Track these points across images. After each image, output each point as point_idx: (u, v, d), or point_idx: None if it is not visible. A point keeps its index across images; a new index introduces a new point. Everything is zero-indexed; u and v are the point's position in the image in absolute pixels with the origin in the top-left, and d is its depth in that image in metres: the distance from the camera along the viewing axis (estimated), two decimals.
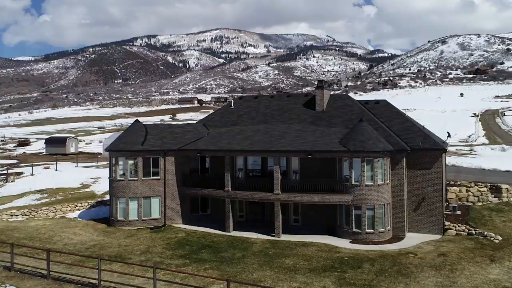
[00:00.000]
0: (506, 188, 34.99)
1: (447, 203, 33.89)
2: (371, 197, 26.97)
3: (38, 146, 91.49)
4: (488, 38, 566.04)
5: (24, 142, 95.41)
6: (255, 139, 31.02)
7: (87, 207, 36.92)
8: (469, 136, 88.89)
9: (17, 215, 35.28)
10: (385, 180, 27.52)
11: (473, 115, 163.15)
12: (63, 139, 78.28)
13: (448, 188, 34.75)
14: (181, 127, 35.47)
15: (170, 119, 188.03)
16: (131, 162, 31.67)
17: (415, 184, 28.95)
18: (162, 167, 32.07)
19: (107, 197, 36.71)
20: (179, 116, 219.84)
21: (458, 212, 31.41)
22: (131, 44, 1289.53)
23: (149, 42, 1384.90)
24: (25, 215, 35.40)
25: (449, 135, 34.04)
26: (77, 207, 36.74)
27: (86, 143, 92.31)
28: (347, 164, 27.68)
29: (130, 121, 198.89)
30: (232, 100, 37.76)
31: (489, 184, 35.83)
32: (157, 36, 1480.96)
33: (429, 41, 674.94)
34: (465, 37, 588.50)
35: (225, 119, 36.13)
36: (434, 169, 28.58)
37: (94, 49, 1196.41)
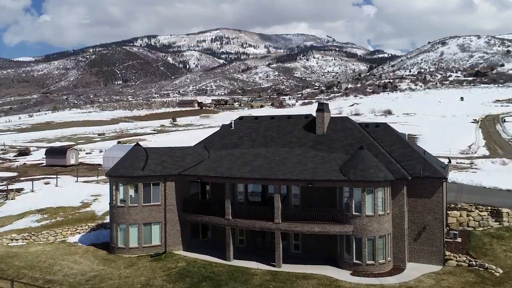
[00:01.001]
0: (507, 212, 34.96)
1: (447, 228, 33.87)
2: (372, 228, 26.94)
3: (38, 156, 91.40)
4: (488, 39, 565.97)
5: (24, 152, 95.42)
6: (256, 165, 30.98)
7: (87, 230, 36.89)
8: (470, 147, 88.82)
9: (17, 240, 35.27)
10: (385, 210, 27.48)
11: (473, 120, 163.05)
12: (63, 150, 78.22)
13: (448, 212, 34.72)
14: (181, 150, 35.44)
15: (170, 124, 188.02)
16: (131, 187, 31.62)
17: (416, 213, 28.90)
18: (162, 193, 32.02)
19: (107, 218, 36.68)
20: (179, 120, 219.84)
21: (459, 240, 31.38)
22: (131, 44, 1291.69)
23: (149, 43, 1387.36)
24: (25, 239, 35.39)
25: (449, 161, 33.98)
26: (77, 231, 36.73)
27: (86, 153, 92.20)
28: (348, 193, 27.67)
29: (131, 125, 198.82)
30: (232, 121, 37.68)
31: (489, 208, 35.80)
32: (157, 37, 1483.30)
33: (429, 42, 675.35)
34: (465, 38, 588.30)
35: (225, 140, 36.11)
36: (435, 198, 28.54)
37: (94, 49, 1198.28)
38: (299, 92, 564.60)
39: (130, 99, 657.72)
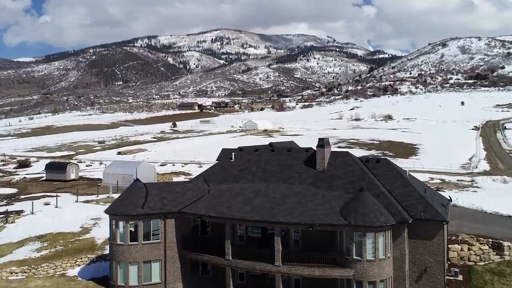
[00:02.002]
0: (508, 246, 34.88)
1: (448, 262, 33.76)
2: (373, 272, 26.82)
3: (38, 168, 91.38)
4: (489, 41, 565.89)
5: (24, 163, 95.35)
6: (256, 204, 30.84)
7: (87, 262, 36.79)
8: (470, 159, 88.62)
9: (17, 273, 35.22)
10: (386, 254, 27.35)
11: (474, 127, 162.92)
12: (63, 165, 78.18)
13: (449, 246, 34.60)
14: (181, 185, 35.33)
15: (171, 130, 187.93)
16: (131, 226, 31.50)
17: (417, 255, 28.76)
18: (162, 230, 31.91)
19: (107, 248, 36.50)
20: (179, 125, 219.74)
21: (460, 278, 31.28)
22: (132, 45, 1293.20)
23: (149, 43, 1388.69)
24: (25, 272, 35.32)
25: (450, 200, 33.85)
26: (76, 263, 36.64)
27: (86, 165, 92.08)
28: (348, 237, 27.55)
29: (131, 130, 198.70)
30: (233, 153, 37.52)
31: (491, 241, 35.76)
32: (158, 37, 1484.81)
33: (429, 44, 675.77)
34: (465, 40, 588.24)
35: (225, 173, 35.96)
36: (436, 240, 28.42)
37: (94, 50, 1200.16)
38: (299, 94, 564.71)
39: (131, 100, 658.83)
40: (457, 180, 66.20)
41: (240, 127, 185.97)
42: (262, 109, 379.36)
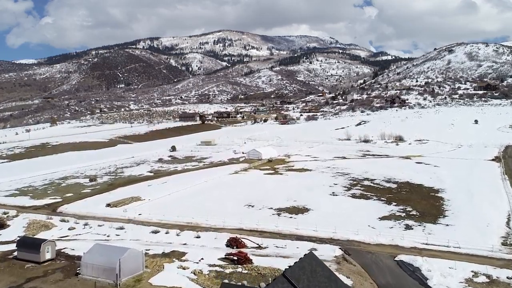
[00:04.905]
0: None
1: None
2: None
3: (16, 229, 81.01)
4: (497, 47, 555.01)
5: (1, 222, 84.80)
6: None
7: None
8: (508, 225, 77.24)
9: None
10: None
11: (494, 158, 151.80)
12: (37, 243, 66.78)
13: None
14: None
15: (169, 158, 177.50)
16: None
17: None
18: None
19: None
20: (179, 147, 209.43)
21: None
22: (134, 47, 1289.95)
23: (151, 45, 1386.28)
24: None
25: None
26: None
27: (68, 228, 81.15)
28: None
29: (127, 156, 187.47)
30: None
31: None
32: (160, 39, 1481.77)
33: (435, 49, 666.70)
34: (472, 46, 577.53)
35: None
36: None
37: (96, 52, 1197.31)
38: (303, 99, 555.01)
39: (132, 106, 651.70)
40: (508, 278, 54.89)
41: (243, 153, 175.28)
42: (265, 120, 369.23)
